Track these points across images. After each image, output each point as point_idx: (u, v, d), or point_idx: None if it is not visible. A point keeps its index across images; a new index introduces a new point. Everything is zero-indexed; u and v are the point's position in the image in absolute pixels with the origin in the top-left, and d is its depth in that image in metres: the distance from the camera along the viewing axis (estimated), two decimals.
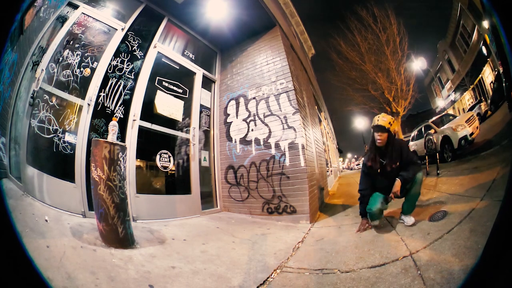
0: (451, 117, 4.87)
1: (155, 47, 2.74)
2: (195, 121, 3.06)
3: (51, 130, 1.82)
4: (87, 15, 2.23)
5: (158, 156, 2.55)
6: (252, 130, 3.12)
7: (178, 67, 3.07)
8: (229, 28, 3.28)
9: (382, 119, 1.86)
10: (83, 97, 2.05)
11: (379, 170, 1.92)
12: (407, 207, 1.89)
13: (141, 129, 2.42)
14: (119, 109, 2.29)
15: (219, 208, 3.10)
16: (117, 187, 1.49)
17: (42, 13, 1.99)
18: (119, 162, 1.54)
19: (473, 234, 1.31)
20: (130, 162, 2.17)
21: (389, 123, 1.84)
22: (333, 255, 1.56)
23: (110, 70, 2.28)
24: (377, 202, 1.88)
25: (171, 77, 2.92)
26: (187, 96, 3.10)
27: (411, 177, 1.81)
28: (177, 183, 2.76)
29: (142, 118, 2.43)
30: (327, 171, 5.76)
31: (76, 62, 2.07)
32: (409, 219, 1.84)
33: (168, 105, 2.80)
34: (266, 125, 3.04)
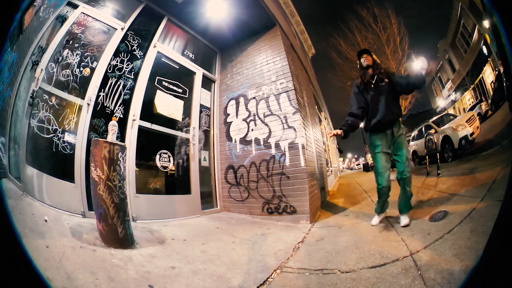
0: (451, 117, 4.85)
1: (154, 46, 2.74)
2: (195, 121, 3.06)
3: (50, 130, 1.82)
4: (86, 14, 2.23)
5: (158, 156, 2.55)
6: (252, 130, 3.11)
7: (178, 67, 3.06)
8: (229, 28, 3.27)
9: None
10: (82, 96, 2.05)
11: (372, 87, 1.90)
12: (402, 207, 1.89)
13: (141, 129, 2.41)
14: (118, 109, 2.29)
15: (219, 208, 3.09)
16: (116, 187, 1.49)
17: (42, 12, 1.99)
18: (118, 162, 1.54)
19: (473, 234, 1.31)
20: (130, 162, 2.16)
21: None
22: (333, 255, 1.56)
23: (109, 70, 2.27)
24: (384, 177, 1.86)
25: (171, 76, 2.91)
26: (187, 96, 3.10)
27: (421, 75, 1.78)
28: (177, 183, 2.76)
29: (142, 118, 2.43)
30: (327, 171, 5.75)
31: (76, 62, 2.06)
32: (404, 219, 1.82)
33: (168, 105, 2.80)
34: (266, 125, 3.03)
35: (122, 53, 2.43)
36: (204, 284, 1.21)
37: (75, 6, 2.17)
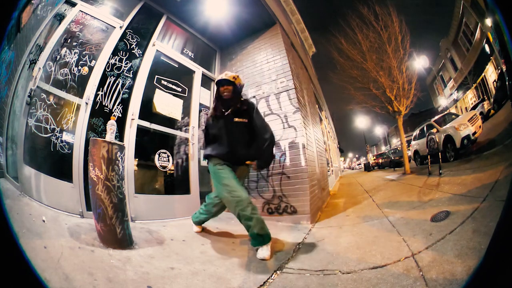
0: (453, 116, 4.83)
1: (153, 45, 2.72)
2: (194, 120, 3.04)
3: (48, 129, 1.81)
4: (85, 12, 2.20)
5: (157, 156, 2.53)
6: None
7: (177, 66, 3.04)
8: (229, 26, 3.25)
9: (226, 74, 1.79)
10: (81, 96, 2.03)
11: (223, 123, 1.73)
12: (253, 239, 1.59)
13: (140, 128, 2.40)
14: (117, 108, 2.27)
15: None
16: (115, 187, 1.47)
17: (40, 10, 1.97)
18: (117, 161, 1.52)
19: (476, 235, 1.29)
20: (129, 162, 2.15)
21: (233, 77, 1.76)
22: (334, 256, 1.55)
23: (108, 69, 2.26)
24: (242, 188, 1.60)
25: (170, 75, 2.89)
26: (186, 95, 3.08)
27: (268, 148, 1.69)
28: (176, 183, 2.75)
29: (140, 117, 2.41)
30: (328, 171, 5.74)
31: (74, 61, 2.04)
32: (262, 251, 1.55)
33: (167, 104, 2.78)
34: None
35: (121, 51, 2.41)
36: (203, 285, 1.20)
37: (73, 4, 2.15)
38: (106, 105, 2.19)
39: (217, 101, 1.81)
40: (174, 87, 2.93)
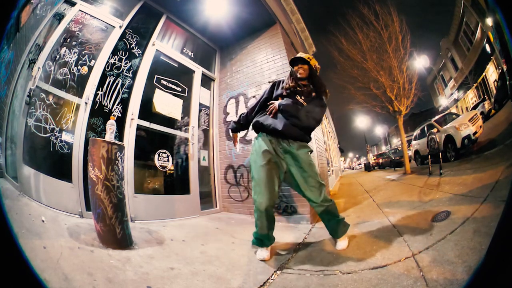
0: (454, 116, 4.82)
1: (153, 44, 2.71)
2: (194, 120, 3.04)
3: (47, 129, 1.80)
4: (84, 12, 2.20)
5: (156, 156, 2.53)
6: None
7: (177, 65, 3.04)
8: (229, 26, 3.24)
9: (300, 54, 1.75)
10: (80, 95, 2.03)
11: (286, 96, 1.67)
12: (331, 231, 1.71)
13: (140, 128, 2.40)
14: (117, 107, 2.27)
15: (219, 208, 3.08)
16: (115, 187, 1.47)
17: (39, 10, 1.97)
18: (117, 161, 1.52)
19: (476, 235, 1.29)
20: (128, 162, 2.15)
21: (308, 57, 1.71)
22: (334, 256, 1.54)
23: (108, 68, 2.25)
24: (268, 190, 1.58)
25: (170, 75, 2.89)
26: (186, 95, 3.08)
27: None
28: (175, 183, 2.75)
29: (140, 117, 2.41)
30: (328, 171, 5.73)
31: (73, 60, 2.04)
32: (340, 243, 1.63)
33: (166, 103, 2.78)
34: None
35: (121, 51, 2.40)
36: (203, 285, 1.20)
37: (72, 4, 2.14)
38: (106, 104, 2.19)
39: (291, 79, 1.74)
40: (174, 86, 2.92)
